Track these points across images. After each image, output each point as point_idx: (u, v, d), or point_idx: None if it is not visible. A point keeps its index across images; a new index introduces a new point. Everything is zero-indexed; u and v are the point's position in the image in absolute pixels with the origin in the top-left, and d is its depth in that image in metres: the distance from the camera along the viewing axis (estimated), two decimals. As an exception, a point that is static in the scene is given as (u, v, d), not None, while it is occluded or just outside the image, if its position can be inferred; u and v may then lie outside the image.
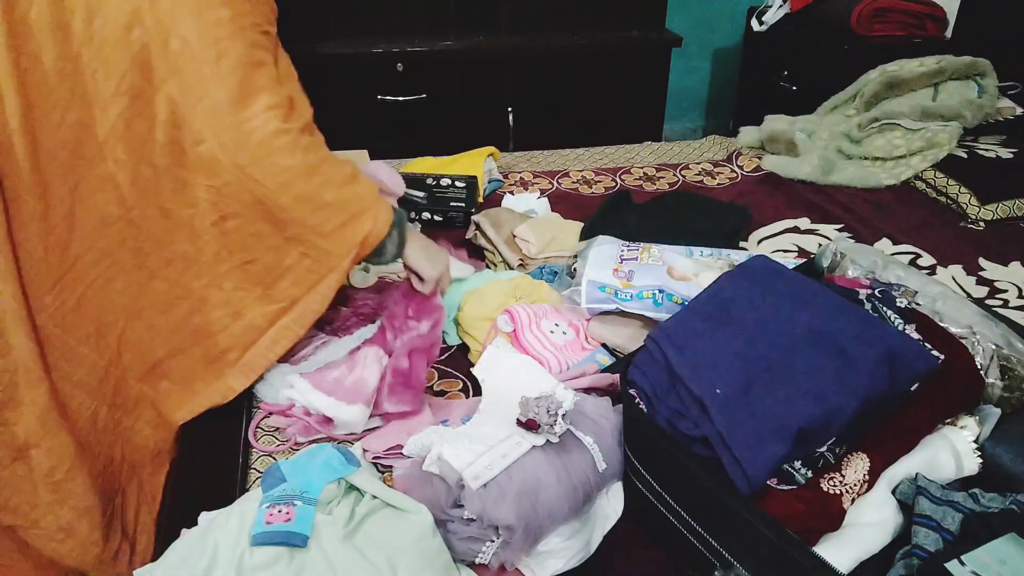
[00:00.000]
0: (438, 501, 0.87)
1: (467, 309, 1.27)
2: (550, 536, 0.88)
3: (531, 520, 0.84)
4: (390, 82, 2.57)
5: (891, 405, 0.91)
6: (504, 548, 0.85)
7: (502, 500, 0.84)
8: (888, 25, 2.59)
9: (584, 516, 0.93)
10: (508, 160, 2.05)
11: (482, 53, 2.63)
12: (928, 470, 0.89)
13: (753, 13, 2.92)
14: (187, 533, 0.85)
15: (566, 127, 2.82)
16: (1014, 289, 1.49)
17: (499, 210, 1.61)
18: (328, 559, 0.77)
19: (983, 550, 0.76)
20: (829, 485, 0.87)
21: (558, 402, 0.90)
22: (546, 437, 0.89)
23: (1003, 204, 1.74)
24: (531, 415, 0.89)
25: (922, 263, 1.57)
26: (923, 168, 1.89)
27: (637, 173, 1.98)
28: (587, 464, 0.92)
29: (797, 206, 1.81)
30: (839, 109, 2.20)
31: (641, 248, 1.32)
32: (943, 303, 1.05)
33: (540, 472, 0.87)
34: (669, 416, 0.89)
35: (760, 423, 0.83)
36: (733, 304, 0.96)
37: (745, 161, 2.04)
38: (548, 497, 0.86)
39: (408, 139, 2.36)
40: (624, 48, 2.76)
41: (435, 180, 1.72)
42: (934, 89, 2.08)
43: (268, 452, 1.06)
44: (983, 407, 0.97)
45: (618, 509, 0.97)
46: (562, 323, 1.25)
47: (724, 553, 0.81)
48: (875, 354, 0.87)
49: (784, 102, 2.57)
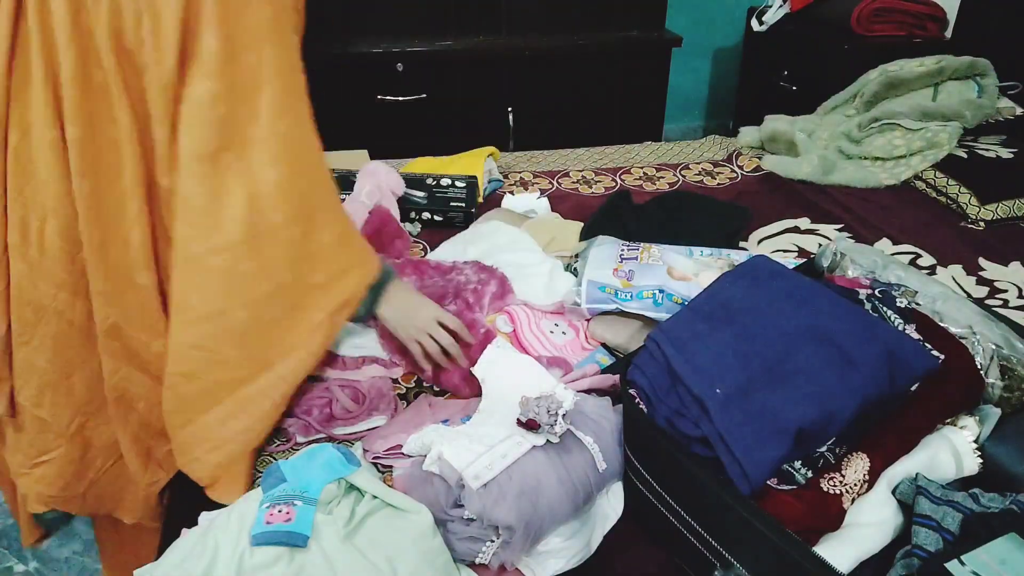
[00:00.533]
0: (438, 501, 0.87)
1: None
2: (550, 536, 0.88)
3: (531, 520, 0.84)
4: (390, 82, 2.57)
5: (891, 405, 0.91)
6: (504, 548, 0.85)
7: (502, 500, 0.84)
8: (888, 25, 2.59)
9: (584, 516, 0.93)
10: (508, 160, 2.05)
11: (482, 53, 2.63)
12: (928, 470, 0.89)
13: (753, 13, 2.92)
14: (187, 533, 0.85)
15: (566, 127, 2.82)
16: (1014, 289, 1.49)
17: (497, 212, 1.61)
18: (328, 559, 0.77)
19: (983, 550, 0.76)
20: (829, 485, 0.87)
21: (558, 402, 0.90)
22: (546, 437, 0.89)
23: (1003, 204, 1.75)
24: (531, 415, 0.89)
25: (922, 263, 1.57)
26: (923, 168, 1.89)
27: (637, 173, 1.98)
28: (587, 464, 0.92)
29: (797, 206, 1.81)
30: (839, 109, 2.20)
31: (641, 248, 1.32)
32: (943, 303, 1.05)
33: (540, 472, 0.87)
34: (669, 416, 0.89)
35: (760, 423, 0.83)
36: (733, 304, 0.96)
37: (745, 161, 2.04)
38: (548, 497, 0.86)
39: (408, 139, 2.36)
40: (624, 48, 2.76)
41: (435, 180, 1.72)
42: (934, 89, 2.08)
43: (268, 452, 1.07)
44: (983, 407, 0.97)
45: (618, 509, 0.97)
46: (562, 323, 1.26)
47: (724, 553, 0.81)
48: (875, 354, 0.87)
49: (784, 102, 2.57)
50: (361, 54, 2.51)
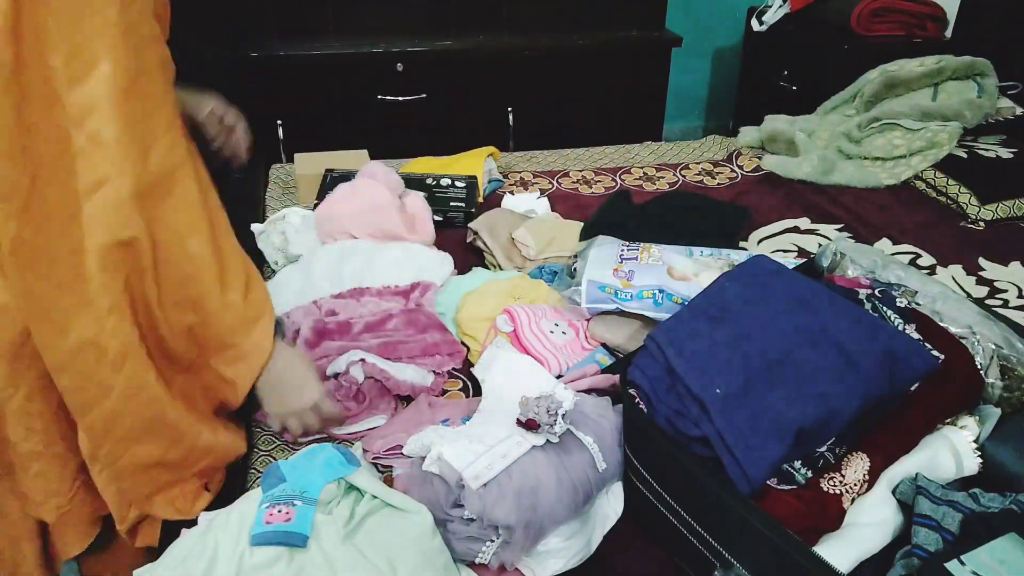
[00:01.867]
0: (438, 501, 0.87)
1: (466, 310, 1.27)
2: (550, 536, 0.88)
3: (531, 520, 0.84)
4: (390, 82, 2.58)
5: (891, 405, 0.91)
6: (504, 548, 0.85)
7: (502, 500, 0.84)
8: (888, 25, 2.59)
9: (584, 516, 0.93)
10: (508, 160, 2.05)
11: (482, 53, 2.63)
12: (928, 470, 0.89)
13: (753, 13, 2.92)
14: (187, 533, 0.85)
15: (566, 127, 2.82)
16: (1014, 289, 1.49)
17: (497, 212, 1.60)
18: (328, 559, 0.77)
19: (983, 550, 0.76)
20: (829, 485, 0.87)
21: (558, 402, 0.90)
22: (546, 437, 0.89)
23: (1003, 204, 1.75)
24: (531, 415, 0.89)
25: (922, 263, 1.57)
26: (923, 168, 1.89)
27: (637, 173, 1.98)
28: (587, 464, 0.92)
29: (797, 206, 1.81)
30: (839, 109, 2.20)
31: (641, 248, 1.32)
32: (943, 303, 1.05)
33: (540, 472, 0.87)
34: (669, 416, 0.89)
35: (760, 423, 0.83)
36: (733, 304, 0.96)
37: (745, 161, 2.04)
38: (548, 497, 0.86)
39: (408, 139, 2.36)
40: (624, 48, 2.76)
41: (435, 180, 1.72)
42: (934, 89, 2.08)
43: (268, 452, 1.07)
44: (983, 407, 0.97)
45: (618, 509, 0.97)
46: (562, 323, 1.25)
47: (724, 553, 0.81)
48: (875, 354, 0.87)
49: (784, 102, 2.57)
50: (361, 54, 2.51)
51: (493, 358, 1.13)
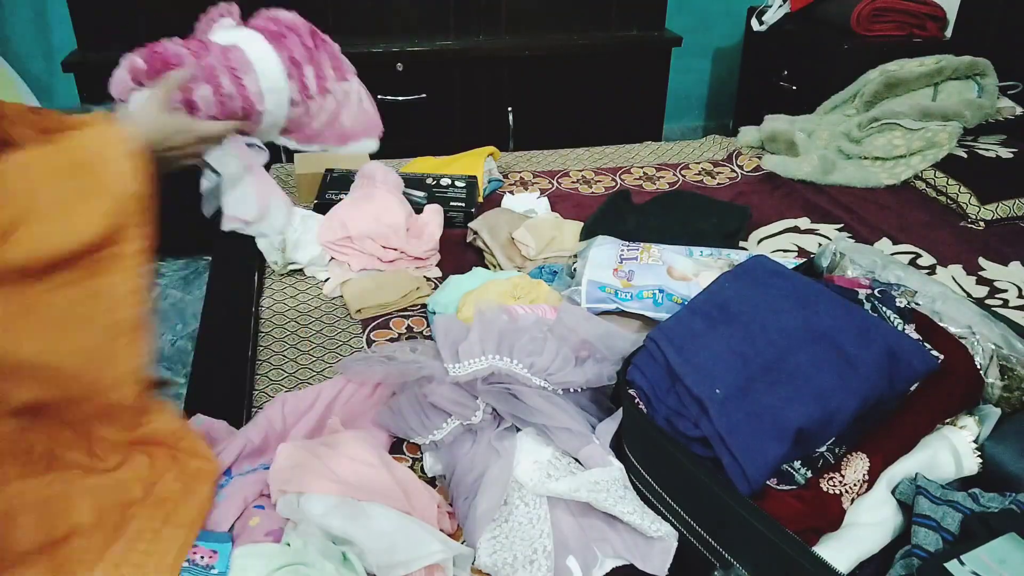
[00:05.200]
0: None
1: (466, 310, 1.27)
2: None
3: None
4: (390, 82, 2.57)
5: (891, 405, 0.91)
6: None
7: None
8: (888, 25, 2.58)
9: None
10: (508, 160, 2.05)
11: (482, 53, 2.63)
12: (928, 470, 0.89)
13: (753, 13, 2.92)
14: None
15: (566, 127, 2.81)
16: (1014, 289, 1.49)
17: (496, 212, 1.60)
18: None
19: (983, 550, 0.76)
20: (829, 485, 0.87)
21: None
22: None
23: (1003, 204, 1.74)
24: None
25: (922, 263, 1.57)
26: (923, 168, 1.89)
27: (637, 173, 1.98)
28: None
29: (797, 206, 1.81)
30: (839, 109, 2.20)
31: (641, 248, 1.32)
32: (943, 303, 1.05)
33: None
34: (668, 416, 0.89)
35: (760, 423, 0.83)
36: (733, 304, 0.96)
37: (745, 161, 2.04)
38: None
39: (408, 139, 2.35)
40: (624, 48, 2.76)
41: (435, 180, 1.72)
42: (934, 89, 2.08)
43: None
44: (983, 407, 0.97)
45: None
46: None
47: (724, 553, 0.81)
48: (875, 354, 0.87)
49: (784, 102, 2.57)
50: (361, 54, 2.51)
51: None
